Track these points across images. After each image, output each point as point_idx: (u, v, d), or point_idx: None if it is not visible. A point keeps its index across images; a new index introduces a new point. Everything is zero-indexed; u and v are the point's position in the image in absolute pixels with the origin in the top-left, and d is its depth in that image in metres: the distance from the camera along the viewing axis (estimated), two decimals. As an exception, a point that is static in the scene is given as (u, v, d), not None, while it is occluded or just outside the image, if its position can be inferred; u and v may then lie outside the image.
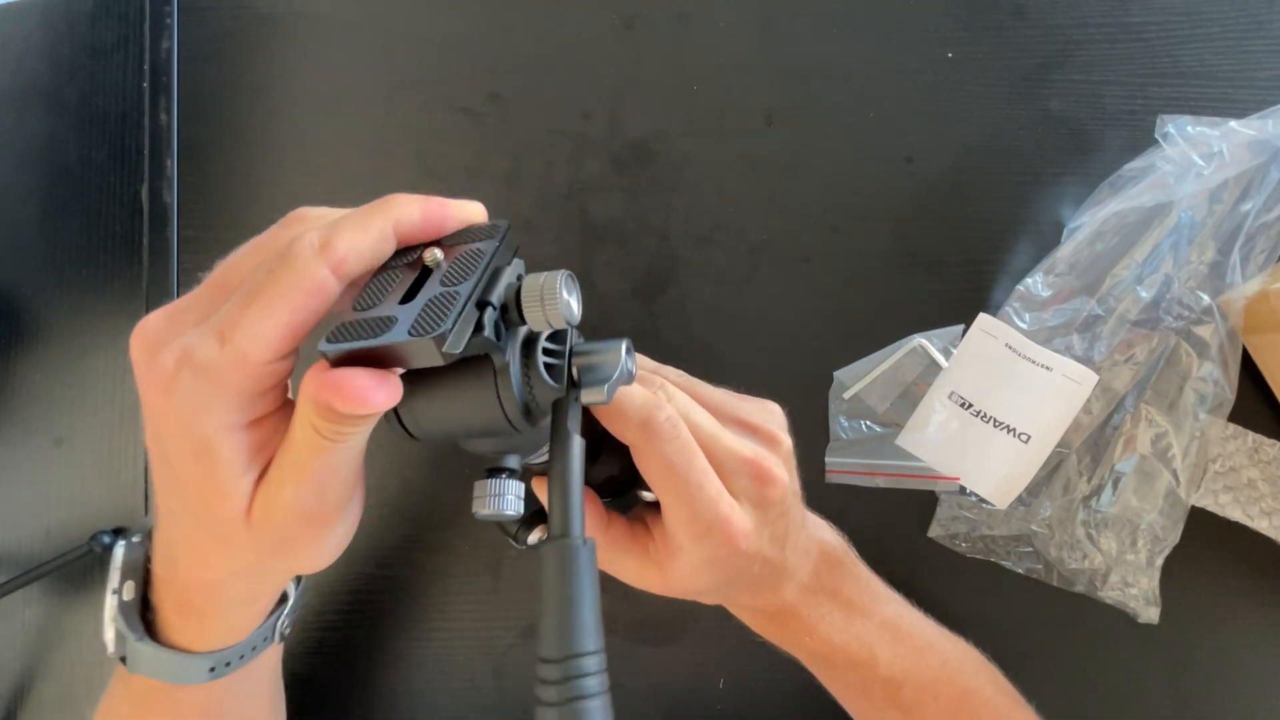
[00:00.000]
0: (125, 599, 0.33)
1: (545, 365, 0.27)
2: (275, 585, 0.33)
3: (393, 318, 0.23)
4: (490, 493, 0.28)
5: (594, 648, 0.22)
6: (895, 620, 0.38)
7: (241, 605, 0.32)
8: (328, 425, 0.24)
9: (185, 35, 0.52)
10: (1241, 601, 0.44)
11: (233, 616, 0.33)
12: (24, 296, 0.51)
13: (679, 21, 0.49)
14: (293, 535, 0.27)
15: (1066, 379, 0.43)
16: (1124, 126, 0.47)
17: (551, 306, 0.25)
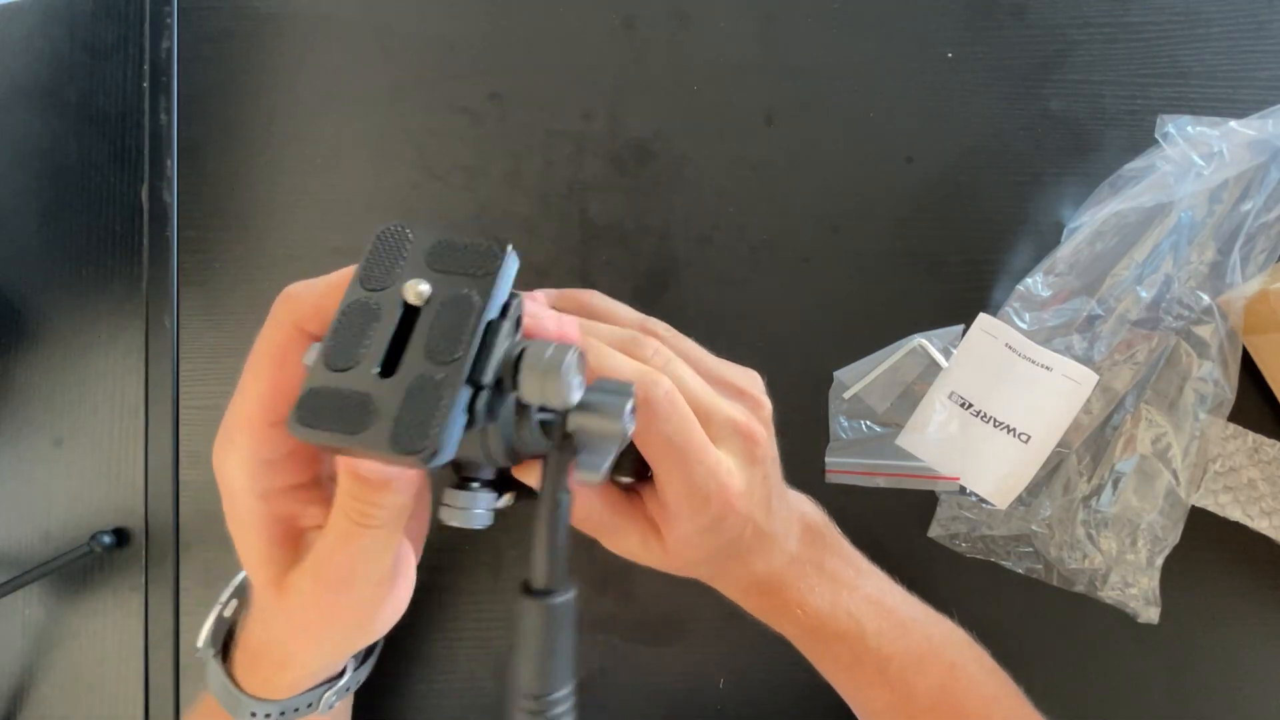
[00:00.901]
0: (224, 614, 0.35)
1: (539, 422, 0.26)
2: (311, 661, 0.32)
3: (370, 402, 0.21)
4: (460, 505, 0.27)
5: (568, 688, 0.26)
6: (879, 594, 0.38)
7: (280, 668, 0.32)
8: (356, 503, 0.24)
9: (185, 35, 0.51)
10: (1241, 601, 0.44)
11: (274, 674, 0.33)
12: (24, 296, 0.51)
13: (679, 21, 0.49)
14: (314, 620, 0.28)
15: (1066, 379, 0.43)
16: (1124, 126, 0.47)
17: (554, 388, 0.22)
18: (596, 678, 0.46)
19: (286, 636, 0.30)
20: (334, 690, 0.35)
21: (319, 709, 0.35)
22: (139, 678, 0.48)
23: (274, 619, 0.30)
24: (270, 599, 0.28)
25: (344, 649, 0.33)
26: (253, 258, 0.50)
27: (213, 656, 0.34)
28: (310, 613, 0.28)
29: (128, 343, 0.50)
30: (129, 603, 0.48)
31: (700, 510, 0.32)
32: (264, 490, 0.26)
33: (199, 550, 0.48)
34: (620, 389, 0.26)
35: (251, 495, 0.26)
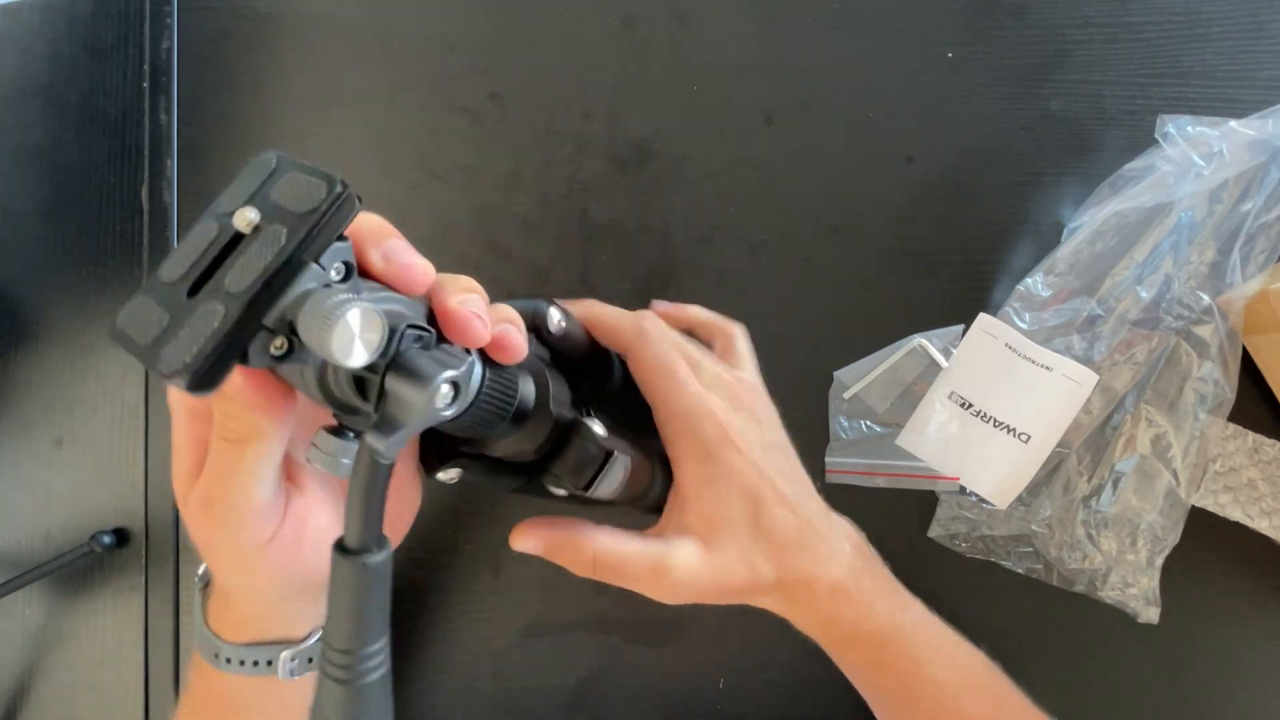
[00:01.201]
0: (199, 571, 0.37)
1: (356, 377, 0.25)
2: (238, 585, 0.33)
3: (165, 320, 0.22)
4: (326, 449, 0.26)
5: (379, 643, 0.26)
6: (926, 619, 0.38)
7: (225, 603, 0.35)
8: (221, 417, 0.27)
9: (185, 35, 0.52)
10: (1241, 601, 0.44)
11: (224, 611, 0.35)
12: (24, 296, 0.51)
13: (679, 21, 0.49)
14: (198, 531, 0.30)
15: (1066, 379, 0.43)
16: (1124, 126, 0.47)
17: (324, 340, 0.21)
18: (596, 678, 0.46)
19: (206, 554, 0.32)
20: (291, 651, 0.35)
21: (278, 671, 0.35)
22: (139, 678, 0.48)
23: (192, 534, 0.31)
24: (184, 514, 0.30)
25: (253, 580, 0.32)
26: (253, 258, 0.50)
27: (199, 590, 0.36)
28: (203, 522, 0.29)
29: (128, 343, 0.50)
30: (129, 603, 0.48)
31: (697, 443, 0.34)
32: (191, 409, 0.29)
33: (199, 550, 0.48)
34: (453, 360, 0.25)
35: (183, 411, 0.29)
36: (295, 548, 0.31)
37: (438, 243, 0.48)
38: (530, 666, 0.46)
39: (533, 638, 0.46)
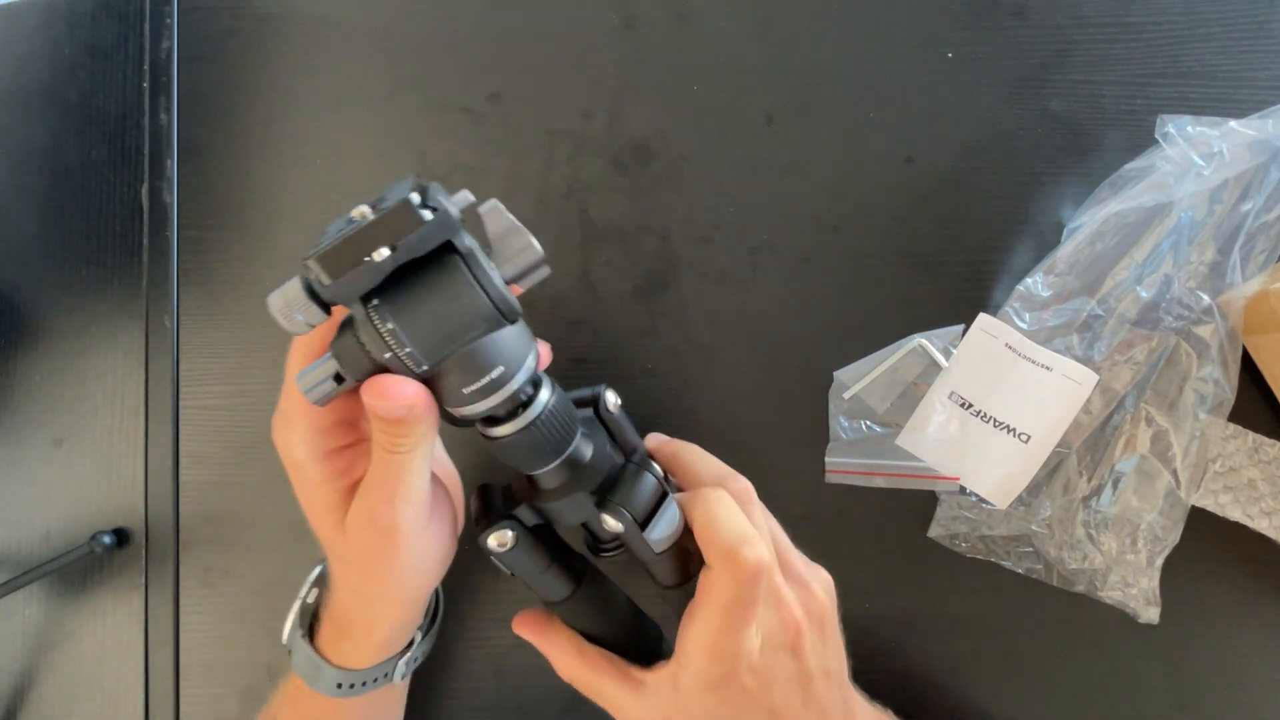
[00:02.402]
0: (308, 601, 0.39)
1: None
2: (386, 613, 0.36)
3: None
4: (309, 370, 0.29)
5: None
6: None
7: (364, 630, 0.36)
8: (386, 435, 0.29)
9: (185, 35, 0.52)
10: (1241, 601, 0.44)
11: (361, 640, 0.37)
12: (24, 296, 0.51)
13: (679, 21, 0.49)
14: (371, 545, 0.32)
15: (1066, 379, 0.43)
16: (1124, 126, 0.47)
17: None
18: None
19: (362, 584, 0.34)
20: (405, 659, 0.39)
21: (393, 678, 0.39)
22: (139, 678, 0.48)
23: (346, 568, 0.34)
24: (338, 544, 0.33)
25: (410, 590, 0.35)
26: (253, 258, 0.50)
27: (300, 638, 0.38)
28: (367, 536, 0.32)
29: (128, 343, 0.50)
30: (129, 603, 0.48)
31: (710, 664, 0.32)
32: (321, 453, 0.32)
33: (199, 550, 0.48)
34: None
35: (312, 460, 0.32)
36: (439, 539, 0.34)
37: (438, 243, 0.48)
38: (530, 666, 0.46)
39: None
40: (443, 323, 0.27)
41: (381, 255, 0.25)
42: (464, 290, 0.27)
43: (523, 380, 0.30)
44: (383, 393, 0.28)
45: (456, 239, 0.27)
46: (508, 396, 0.29)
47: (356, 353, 0.28)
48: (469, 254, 0.27)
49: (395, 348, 0.27)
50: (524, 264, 0.29)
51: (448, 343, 0.27)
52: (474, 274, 0.27)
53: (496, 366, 0.28)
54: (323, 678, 0.37)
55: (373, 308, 0.27)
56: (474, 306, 0.27)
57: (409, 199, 0.25)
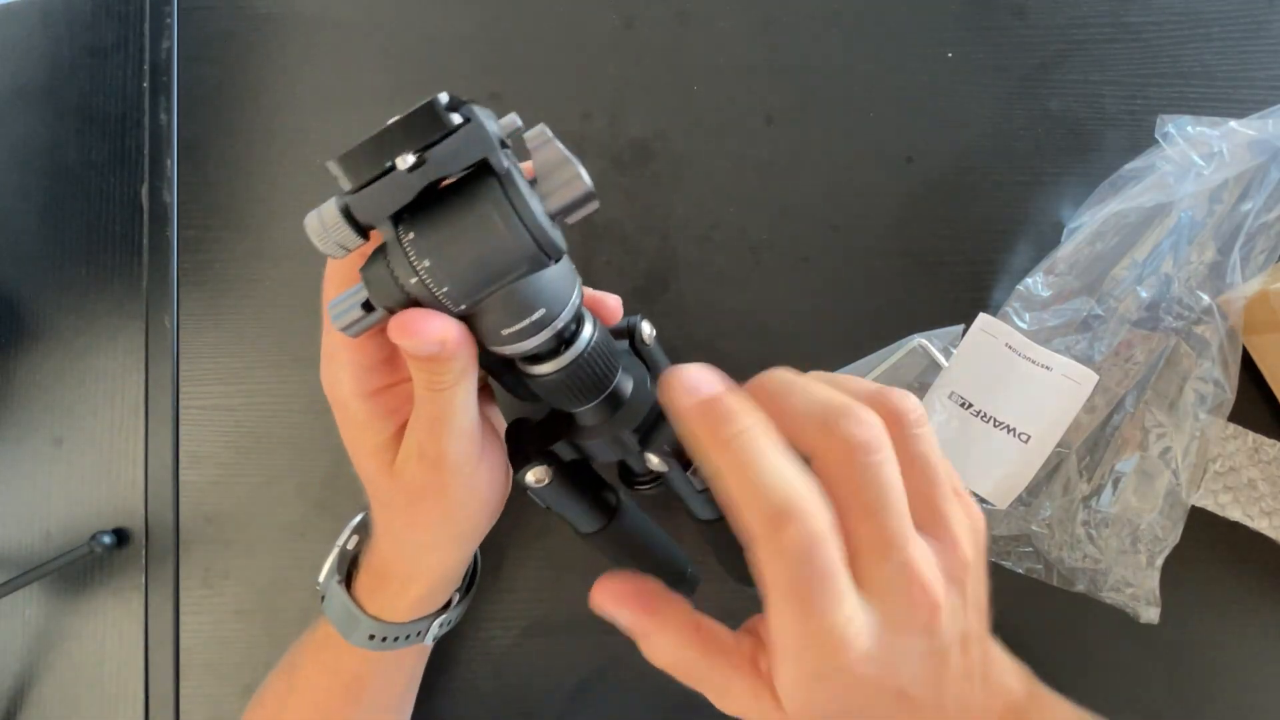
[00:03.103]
0: (347, 547, 0.38)
1: None
2: (431, 563, 0.36)
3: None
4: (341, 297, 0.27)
5: None
6: None
7: (404, 582, 0.36)
8: (423, 373, 0.28)
9: (185, 35, 0.52)
10: (1241, 601, 0.44)
11: (400, 592, 0.36)
12: (24, 296, 0.51)
13: (679, 21, 0.49)
14: (421, 483, 0.31)
15: (1066, 379, 0.43)
16: (1124, 126, 0.47)
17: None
18: (596, 678, 0.46)
19: (407, 531, 0.34)
20: (440, 620, 0.39)
21: (425, 638, 0.38)
22: (139, 678, 0.48)
23: (392, 512, 0.33)
24: (386, 487, 0.32)
25: (456, 533, 0.35)
26: (253, 258, 0.50)
27: (336, 583, 0.37)
28: (417, 475, 0.31)
29: (128, 343, 0.50)
30: (129, 603, 0.48)
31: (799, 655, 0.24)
32: (368, 391, 0.31)
33: (199, 550, 0.48)
34: None
35: (358, 397, 0.30)
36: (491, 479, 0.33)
37: (438, 243, 0.48)
38: (530, 666, 0.46)
39: (533, 638, 0.46)
40: (480, 262, 0.25)
41: (406, 161, 0.23)
42: (503, 222, 0.24)
43: (566, 320, 0.28)
44: (411, 330, 0.26)
45: (493, 158, 0.24)
46: (550, 337, 0.28)
47: (387, 281, 0.25)
48: (507, 177, 0.24)
49: (432, 286, 0.25)
50: (571, 196, 0.25)
51: (486, 284, 0.25)
52: (512, 203, 0.24)
53: (538, 308, 0.26)
54: (357, 627, 0.36)
55: (407, 240, 0.24)
56: (515, 243, 0.24)
57: (436, 98, 0.23)
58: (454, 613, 0.40)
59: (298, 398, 0.49)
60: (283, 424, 0.49)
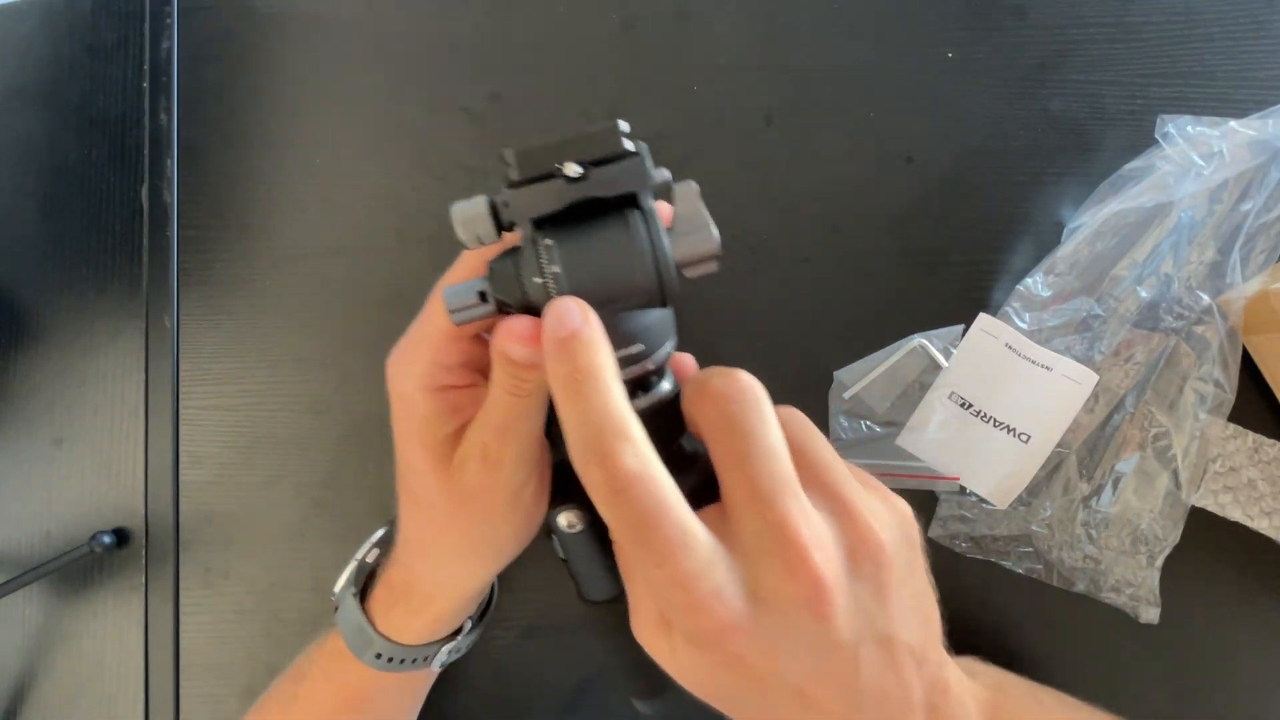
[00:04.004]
0: (366, 560, 0.38)
1: None
2: (455, 578, 0.35)
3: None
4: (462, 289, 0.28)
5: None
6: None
7: (424, 600, 0.35)
8: (509, 377, 0.28)
9: (185, 35, 0.52)
10: (1241, 601, 0.44)
11: (417, 611, 0.36)
12: (24, 296, 0.51)
13: (679, 21, 0.49)
14: (475, 484, 0.31)
15: (1066, 379, 0.43)
16: (1124, 126, 0.47)
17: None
18: (596, 678, 0.46)
19: (442, 536, 0.33)
20: (450, 647, 0.38)
21: (432, 664, 0.38)
22: (139, 678, 0.48)
23: (432, 514, 0.33)
24: (433, 486, 0.31)
25: (492, 549, 0.34)
26: (253, 258, 0.50)
27: (351, 596, 0.37)
28: (474, 478, 0.31)
29: (128, 343, 0.50)
30: (129, 603, 0.48)
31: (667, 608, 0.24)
32: (436, 386, 0.31)
33: (199, 550, 0.48)
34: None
35: (424, 392, 0.31)
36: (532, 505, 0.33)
37: (438, 243, 0.48)
38: (530, 666, 0.46)
39: (533, 638, 0.46)
40: (605, 281, 0.26)
41: (574, 171, 0.25)
42: (637, 251, 0.26)
43: (657, 363, 0.28)
44: (520, 337, 0.26)
45: (643, 195, 0.26)
46: (636, 376, 0.28)
47: (511, 277, 0.27)
48: (650, 215, 0.26)
49: (554, 291, 0.26)
50: (698, 251, 0.27)
51: (604, 303, 0.26)
52: (651, 238, 0.26)
53: (638, 343, 0.27)
54: (368, 645, 0.36)
55: (544, 244, 0.26)
56: (642, 273, 0.26)
57: (619, 123, 0.25)
58: (465, 640, 0.39)
59: (298, 398, 0.49)
60: (283, 424, 0.49)
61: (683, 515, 0.23)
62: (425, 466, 0.32)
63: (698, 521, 0.24)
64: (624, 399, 0.25)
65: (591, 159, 0.26)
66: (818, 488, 0.25)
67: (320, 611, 0.47)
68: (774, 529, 0.23)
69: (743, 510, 0.24)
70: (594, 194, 0.26)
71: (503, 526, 0.33)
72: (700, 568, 0.23)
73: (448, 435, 0.31)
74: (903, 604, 0.25)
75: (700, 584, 0.23)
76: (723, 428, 0.25)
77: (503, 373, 0.28)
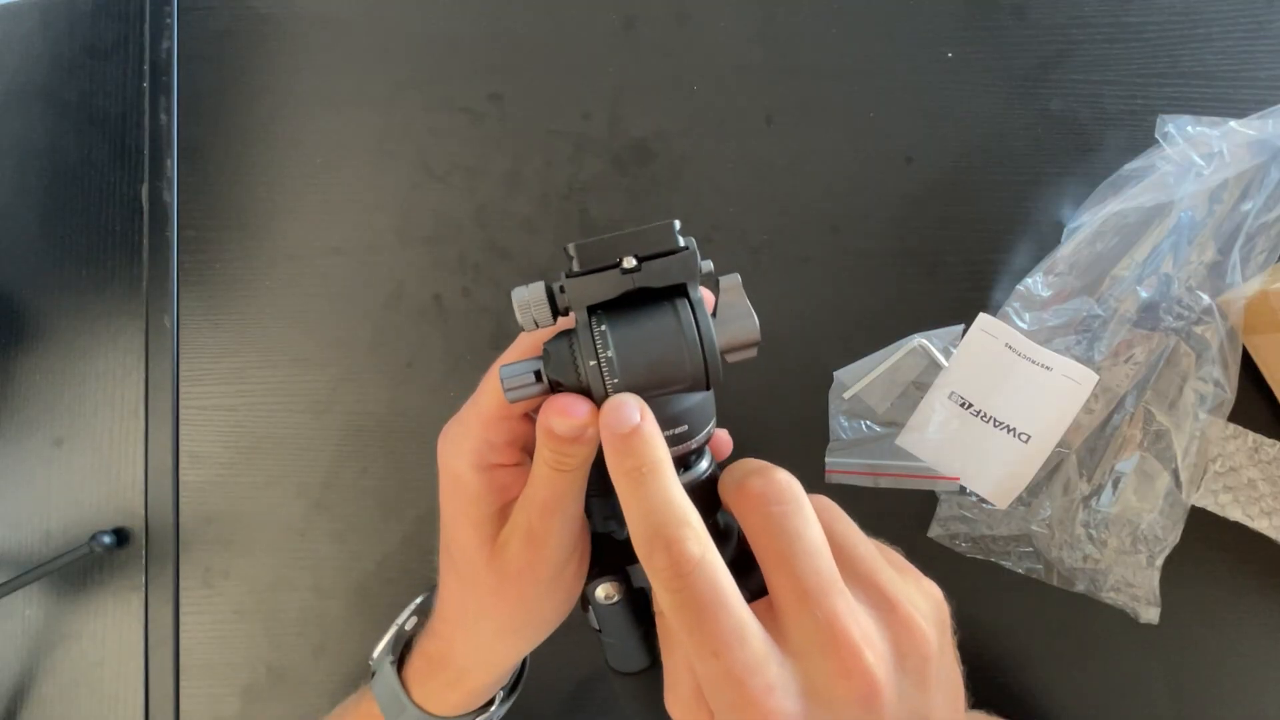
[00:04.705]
0: (405, 628, 0.39)
1: None
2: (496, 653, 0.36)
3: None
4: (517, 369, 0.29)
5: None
6: None
7: (459, 673, 0.36)
8: (553, 453, 0.29)
9: (185, 35, 0.52)
10: (1241, 601, 0.44)
11: (453, 683, 0.36)
12: (24, 296, 0.51)
13: (679, 21, 0.49)
14: (520, 563, 0.31)
15: (1066, 379, 0.43)
16: (1124, 126, 0.47)
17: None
18: (596, 678, 0.46)
19: (485, 611, 0.33)
20: (483, 719, 0.38)
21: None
22: (139, 678, 0.48)
23: (477, 592, 0.33)
24: (479, 563, 0.32)
25: (533, 625, 0.34)
26: (253, 258, 0.50)
27: (389, 664, 0.37)
28: (517, 563, 0.31)
29: (128, 343, 0.50)
30: (129, 603, 0.48)
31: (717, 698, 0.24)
32: (485, 465, 0.32)
33: (199, 550, 0.48)
34: None
35: (474, 471, 0.31)
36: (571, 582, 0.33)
37: (438, 243, 0.48)
38: (530, 666, 0.46)
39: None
40: (656, 365, 0.28)
41: (630, 263, 0.27)
42: (684, 339, 0.28)
43: (699, 443, 0.30)
44: (565, 411, 0.28)
45: (692, 286, 0.28)
46: (678, 457, 0.30)
47: (566, 359, 0.28)
48: (698, 304, 0.28)
49: (605, 373, 0.28)
50: (741, 338, 0.29)
51: (652, 385, 0.28)
52: (699, 325, 0.28)
53: (683, 424, 0.29)
54: (399, 712, 0.36)
55: (599, 330, 0.28)
56: (690, 358, 0.28)
57: (673, 223, 0.28)
58: (496, 711, 0.39)
59: (298, 398, 0.49)
60: (283, 424, 0.49)
61: (740, 608, 0.24)
62: (471, 544, 0.32)
63: (753, 616, 0.24)
64: (682, 491, 0.26)
65: (646, 254, 0.28)
66: (857, 581, 0.26)
67: (320, 611, 0.47)
68: (824, 629, 0.24)
69: (793, 610, 0.25)
70: (647, 284, 0.28)
71: (543, 603, 0.33)
72: (757, 662, 0.23)
73: (494, 513, 0.32)
74: (941, 689, 0.26)
75: (756, 679, 0.23)
76: (766, 530, 0.26)
77: (547, 449, 0.29)
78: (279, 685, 0.47)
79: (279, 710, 0.47)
